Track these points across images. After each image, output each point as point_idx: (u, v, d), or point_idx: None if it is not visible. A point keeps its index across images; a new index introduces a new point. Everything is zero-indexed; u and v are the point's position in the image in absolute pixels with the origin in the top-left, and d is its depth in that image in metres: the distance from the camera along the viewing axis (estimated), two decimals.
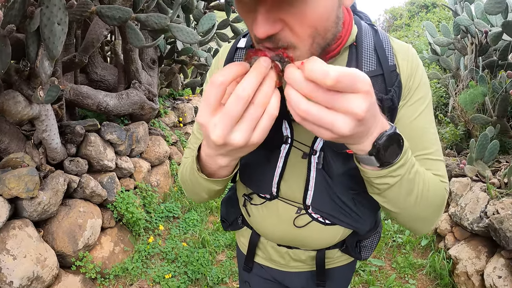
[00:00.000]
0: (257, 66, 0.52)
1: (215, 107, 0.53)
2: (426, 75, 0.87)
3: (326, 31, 0.63)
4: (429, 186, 0.75)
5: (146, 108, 3.45)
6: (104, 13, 2.12)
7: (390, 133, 0.60)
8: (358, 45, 0.82)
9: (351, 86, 0.48)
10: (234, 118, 0.52)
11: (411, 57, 0.84)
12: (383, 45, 0.83)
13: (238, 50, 0.93)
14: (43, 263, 2.26)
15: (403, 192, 0.72)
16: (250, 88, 0.51)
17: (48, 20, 1.69)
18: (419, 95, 0.83)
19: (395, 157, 0.64)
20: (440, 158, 0.84)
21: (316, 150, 0.85)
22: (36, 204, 2.30)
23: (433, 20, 12.14)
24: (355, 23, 0.83)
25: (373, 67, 0.81)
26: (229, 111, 0.51)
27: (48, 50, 1.75)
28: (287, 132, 0.86)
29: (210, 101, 0.53)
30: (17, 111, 2.15)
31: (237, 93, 0.51)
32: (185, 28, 2.40)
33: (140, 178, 3.43)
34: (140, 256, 2.95)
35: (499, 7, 2.44)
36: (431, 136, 0.84)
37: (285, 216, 0.95)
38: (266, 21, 0.57)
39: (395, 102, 0.80)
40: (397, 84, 0.80)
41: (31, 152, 2.51)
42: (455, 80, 4.28)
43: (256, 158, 0.90)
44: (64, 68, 2.77)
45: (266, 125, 0.54)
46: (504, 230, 2.28)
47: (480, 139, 2.85)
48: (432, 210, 0.80)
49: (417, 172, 0.72)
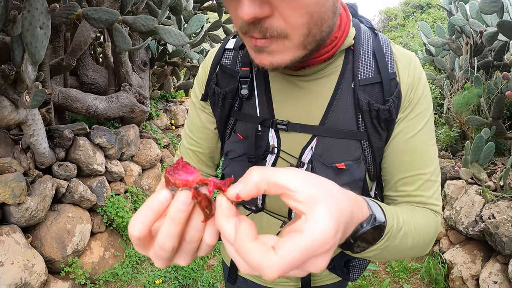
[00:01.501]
0: (174, 210, 0.39)
1: (145, 246, 0.43)
2: (428, 86, 0.80)
3: (322, 21, 0.57)
4: (419, 237, 0.70)
5: (137, 111, 3.40)
6: (90, 15, 2.07)
7: (365, 230, 0.53)
8: (355, 49, 0.76)
9: (308, 262, 0.38)
10: (168, 254, 0.42)
11: (413, 66, 0.77)
12: (383, 50, 0.76)
13: (226, 52, 0.87)
14: (31, 270, 2.22)
15: (388, 255, 0.66)
16: (169, 241, 0.41)
17: (30, 24, 1.64)
18: (420, 108, 0.76)
19: (373, 242, 0.58)
20: (437, 179, 0.79)
21: (304, 162, 0.80)
22: (24, 209, 2.26)
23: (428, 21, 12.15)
24: (354, 25, 0.77)
25: (371, 74, 0.74)
26: (159, 254, 0.42)
27: (30, 54, 1.70)
28: (274, 141, 0.81)
29: (136, 245, 0.43)
30: (3, 116, 2.11)
31: (158, 244, 0.41)
32: (173, 30, 2.35)
33: (131, 182, 3.38)
34: (130, 261, 2.91)
35: (495, 6, 2.41)
36: (430, 154, 0.78)
37: (268, 230, 0.91)
38: (253, 2, 0.51)
39: (393, 114, 0.74)
40: (396, 94, 0.74)
41: (19, 156, 2.46)
42: (449, 80, 4.25)
43: (240, 169, 0.85)
44: (52, 71, 2.73)
45: (208, 249, 0.45)
46: (500, 235, 2.25)
47: (475, 141, 2.82)
48: (424, 249, 0.75)
49: (404, 234, 0.65)
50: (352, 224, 0.46)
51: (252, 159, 0.82)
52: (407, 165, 0.78)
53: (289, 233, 0.38)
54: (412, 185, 0.78)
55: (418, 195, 0.78)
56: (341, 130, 0.76)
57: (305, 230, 0.37)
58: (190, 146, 0.98)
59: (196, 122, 0.95)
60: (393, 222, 0.61)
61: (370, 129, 0.75)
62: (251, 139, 0.82)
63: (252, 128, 0.82)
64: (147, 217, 0.40)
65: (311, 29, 0.57)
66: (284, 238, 0.37)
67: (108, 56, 3.43)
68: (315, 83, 0.77)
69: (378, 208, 0.58)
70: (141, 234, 0.41)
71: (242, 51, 0.85)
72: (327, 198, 0.39)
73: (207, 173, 1.02)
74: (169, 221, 0.40)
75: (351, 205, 0.45)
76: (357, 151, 0.77)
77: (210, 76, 0.88)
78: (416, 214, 0.73)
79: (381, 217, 0.56)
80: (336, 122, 0.76)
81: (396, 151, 0.78)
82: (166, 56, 4.03)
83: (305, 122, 0.78)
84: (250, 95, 0.82)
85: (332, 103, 0.76)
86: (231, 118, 0.87)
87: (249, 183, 0.40)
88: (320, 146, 0.78)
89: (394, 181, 0.81)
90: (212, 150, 0.98)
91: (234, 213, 0.40)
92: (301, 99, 0.78)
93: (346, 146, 0.77)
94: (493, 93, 3.14)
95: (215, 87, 0.85)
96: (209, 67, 0.89)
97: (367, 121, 0.75)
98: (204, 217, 0.41)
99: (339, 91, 0.76)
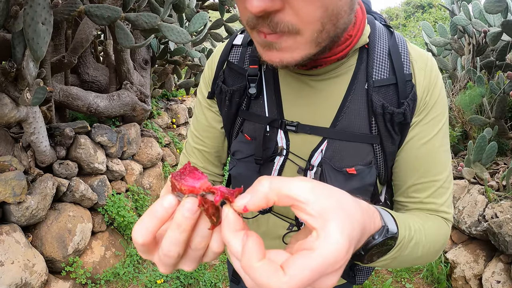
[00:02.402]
0: (179, 217, 0.38)
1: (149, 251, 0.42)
2: (444, 89, 0.77)
3: (338, 16, 0.53)
4: (429, 245, 0.68)
5: (138, 109, 3.39)
6: (92, 12, 2.06)
7: (377, 242, 0.50)
8: (370, 48, 0.72)
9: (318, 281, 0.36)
10: (173, 261, 0.41)
11: (430, 67, 0.73)
12: (399, 49, 0.72)
13: (234, 48, 0.84)
14: (32, 269, 2.20)
15: (397, 264, 0.65)
16: (174, 248, 0.40)
17: (32, 20, 1.62)
18: (435, 112, 0.73)
19: (385, 253, 0.56)
20: (450, 185, 0.77)
21: (313, 165, 0.77)
22: (24, 208, 2.24)
23: (429, 21, 12.16)
24: (368, 22, 0.73)
25: (386, 75, 0.71)
26: (164, 260, 0.41)
27: (32, 51, 1.68)
28: (283, 143, 0.79)
29: (140, 250, 0.42)
30: (4, 114, 2.09)
31: (163, 251, 0.40)
32: (176, 28, 2.33)
33: (132, 181, 3.36)
34: (131, 260, 2.89)
35: (500, 6, 2.39)
36: (444, 160, 0.75)
37: (274, 231, 0.89)
38: None
39: (408, 118, 0.71)
40: (412, 97, 0.70)
41: (19, 155, 2.44)
42: (452, 80, 4.25)
43: (247, 170, 0.83)
44: (53, 69, 2.71)
45: (215, 256, 0.44)
46: (503, 235, 2.24)
47: (478, 141, 2.81)
48: (433, 257, 0.73)
49: (415, 244, 0.63)
50: (364, 237, 0.44)
51: (260, 161, 0.80)
52: (420, 171, 0.75)
53: (300, 250, 0.36)
54: (424, 192, 0.76)
55: (430, 202, 0.76)
56: (353, 133, 0.74)
57: (316, 248, 0.35)
58: (196, 145, 0.95)
59: (202, 121, 0.93)
60: (405, 233, 0.59)
61: (383, 132, 0.73)
62: (259, 141, 0.79)
63: (260, 129, 0.79)
64: (151, 223, 0.39)
65: (325, 25, 0.52)
66: (294, 256, 0.35)
67: (110, 54, 3.41)
68: (327, 83, 0.74)
69: (391, 218, 0.56)
70: (145, 240, 0.39)
71: (250, 47, 0.81)
72: (339, 212, 0.37)
73: (214, 172, 1.00)
74: (174, 228, 0.38)
75: (364, 216, 0.43)
76: (369, 155, 0.75)
77: (217, 73, 0.85)
78: (428, 222, 0.71)
79: (394, 228, 0.54)
80: (348, 124, 0.74)
81: (409, 156, 0.76)
82: (168, 54, 4.01)
83: (316, 124, 0.76)
84: (259, 94, 0.79)
85: (344, 105, 0.73)
86: (239, 118, 0.84)
87: (258, 194, 0.38)
88: (331, 149, 0.75)
89: (406, 186, 0.78)
90: (218, 149, 0.96)
91: (241, 226, 0.38)
92: (312, 99, 0.75)
93: (357, 150, 0.74)
94: (496, 93, 3.14)
95: (222, 85, 0.83)
96: (216, 64, 0.86)
97: (381, 124, 0.72)
98: (211, 224, 0.40)
99: (352, 92, 0.73)
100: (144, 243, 0.40)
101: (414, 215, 0.74)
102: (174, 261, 0.41)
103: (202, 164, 0.97)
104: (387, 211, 0.57)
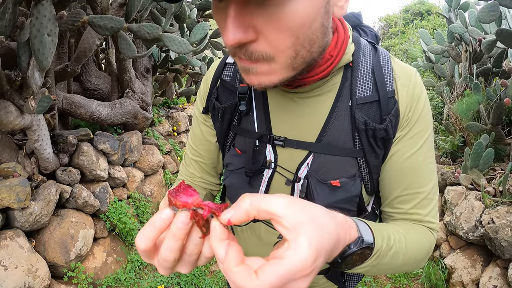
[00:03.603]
0: (174, 228, 0.45)
1: (150, 256, 0.50)
2: (429, 103, 0.79)
3: (311, 43, 0.57)
4: (410, 254, 0.71)
5: (140, 117, 3.44)
6: (96, 23, 2.11)
7: (352, 251, 0.55)
8: (354, 66, 0.75)
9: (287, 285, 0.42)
10: (170, 264, 0.49)
11: (413, 84, 0.75)
12: (382, 67, 0.75)
13: (227, 66, 0.88)
14: (35, 274, 2.23)
15: (379, 271, 0.69)
16: (170, 254, 0.47)
17: (38, 31, 1.68)
18: (419, 127, 0.75)
19: (362, 261, 0.61)
20: (434, 197, 0.80)
21: (300, 178, 0.80)
22: (28, 214, 2.28)
23: (428, 27, 12.22)
24: (353, 40, 0.76)
25: (369, 93, 0.74)
26: (162, 264, 0.49)
27: (38, 61, 1.73)
28: (271, 156, 0.83)
29: (143, 255, 0.50)
30: (9, 121, 2.13)
31: (161, 256, 0.48)
32: (177, 38, 2.39)
33: (133, 188, 3.40)
34: (133, 266, 2.92)
35: (493, 15, 2.43)
36: (428, 173, 0.78)
37: (266, 240, 0.93)
38: (237, 27, 0.51)
39: (390, 133, 0.73)
40: (394, 113, 0.73)
41: (23, 161, 2.49)
42: (449, 87, 4.29)
43: (238, 181, 0.88)
44: (56, 77, 2.76)
45: (207, 260, 0.51)
46: (500, 240, 2.27)
47: (475, 148, 2.85)
48: (416, 265, 0.77)
49: (395, 253, 0.67)
50: (338, 247, 0.51)
51: (249, 173, 0.84)
52: (405, 184, 0.78)
53: (272, 258, 0.43)
54: (408, 203, 0.79)
55: (415, 213, 0.79)
56: (337, 148, 0.77)
57: (285, 258, 0.41)
58: (193, 157, 1.01)
59: (198, 135, 0.98)
60: (382, 243, 0.63)
61: (366, 147, 0.75)
62: (249, 154, 0.83)
63: (250, 144, 0.84)
64: (152, 232, 0.47)
65: (298, 51, 0.56)
66: (267, 263, 0.42)
67: (112, 62, 3.47)
68: (313, 100, 0.77)
69: (367, 230, 0.60)
70: (146, 247, 0.47)
71: None
72: (311, 225, 0.43)
73: (211, 181, 1.04)
74: (170, 237, 0.46)
75: (338, 229, 0.49)
76: (353, 168, 0.78)
77: (211, 90, 0.90)
78: (410, 232, 0.74)
79: (370, 239, 0.59)
80: (332, 139, 0.77)
81: (393, 169, 0.78)
82: (169, 63, 4.07)
83: (302, 139, 0.79)
84: (249, 111, 0.84)
85: (329, 121, 0.77)
86: (231, 132, 0.89)
87: (240, 210, 0.44)
88: (316, 162, 0.79)
89: (391, 198, 0.82)
90: (214, 161, 1.01)
91: (226, 237, 0.45)
92: (298, 116, 0.79)
93: (341, 163, 0.78)
94: (492, 100, 3.18)
95: (215, 101, 0.87)
96: (210, 81, 0.91)
97: (364, 139, 0.75)
98: (201, 234, 0.47)
99: (336, 108, 0.76)
100: (145, 249, 0.47)
101: (397, 225, 0.77)
102: (171, 265, 0.48)
103: (199, 174, 1.02)
104: (366, 223, 0.62)
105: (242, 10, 0.51)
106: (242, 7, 0.51)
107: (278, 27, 0.52)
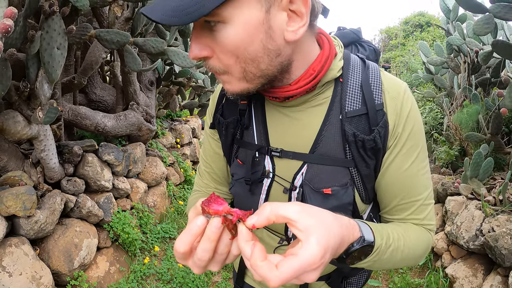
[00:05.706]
0: (209, 231, 0.56)
1: (186, 258, 0.60)
2: (420, 115, 0.83)
3: (254, 61, 0.66)
4: (408, 251, 0.79)
5: (144, 129, 3.49)
6: (102, 36, 2.18)
7: (355, 248, 0.65)
8: (344, 81, 0.80)
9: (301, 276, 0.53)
10: (204, 263, 0.59)
11: (401, 97, 0.79)
12: (370, 82, 0.79)
13: None
14: (39, 281, 2.25)
15: (380, 266, 0.77)
16: (205, 254, 0.57)
17: (48, 45, 1.74)
18: (411, 143, 0.80)
19: (364, 257, 0.69)
20: (430, 201, 0.86)
21: (296, 186, 0.86)
22: (33, 222, 2.31)
23: (428, 39, 12.34)
24: (344, 57, 0.81)
25: (358, 106, 0.79)
26: (197, 263, 0.59)
27: (47, 73, 1.79)
28: (269, 166, 0.89)
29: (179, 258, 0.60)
30: (16, 131, 2.18)
31: (197, 256, 0.58)
32: (181, 52, 2.46)
33: (137, 199, 3.44)
34: (135, 276, 2.94)
35: (488, 27, 2.49)
36: (424, 182, 0.84)
37: (268, 241, 0.99)
38: (196, 46, 0.65)
39: (379, 143, 0.78)
40: (383, 124, 0.77)
41: (29, 170, 2.53)
42: (449, 98, 4.34)
43: (241, 190, 0.94)
44: (63, 89, 2.83)
45: (234, 258, 0.61)
46: (500, 248, 2.28)
47: (474, 157, 2.88)
48: (415, 261, 0.85)
49: (393, 250, 0.75)
50: (343, 245, 0.61)
51: (249, 182, 0.91)
52: (402, 194, 0.84)
53: (289, 255, 0.53)
54: (406, 211, 0.86)
55: (413, 218, 0.86)
56: (329, 158, 0.82)
57: (299, 254, 0.51)
58: (205, 169, 1.10)
59: (208, 148, 1.07)
60: (381, 242, 0.72)
61: (356, 157, 0.80)
62: (248, 165, 0.90)
63: (250, 155, 0.91)
64: (189, 238, 0.57)
65: (244, 67, 0.67)
66: (284, 259, 0.52)
67: (117, 75, 3.54)
68: (306, 114, 0.83)
69: (369, 230, 0.69)
70: (185, 250, 0.57)
71: None
72: (319, 227, 0.53)
73: (223, 191, 1.13)
74: (205, 239, 0.56)
75: (342, 230, 0.60)
76: (345, 177, 0.83)
77: (217, 107, 0.98)
78: (409, 231, 0.82)
79: (370, 238, 0.69)
80: (325, 150, 0.82)
81: (390, 183, 0.84)
82: (173, 76, 4.14)
83: (297, 150, 0.85)
84: (249, 125, 0.91)
85: (321, 133, 0.82)
86: (235, 145, 0.96)
87: (262, 216, 0.54)
88: (310, 172, 0.84)
89: (389, 207, 0.88)
90: (223, 172, 1.09)
91: (251, 238, 0.55)
92: (292, 128, 0.85)
93: (334, 172, 0.83)
94: (491, 110, 3.22)
95: (220, 117, 0.95)
96: (216, 98, 0.99)
97: (354, 150, 0.80)
98: (231, 235, 0.58)
99: (327, 121, 0.81)
100: (184, 252, 0.57)
101: (396, 225, 0.85)
102: (205, 264, 0.59)
103: (213, 184, 1.11)
104: (367, 224, 0.71)
105: (199, 33, 0.65)
106: (199, 31, 0.65)
107: (221, 48, 0.65)
